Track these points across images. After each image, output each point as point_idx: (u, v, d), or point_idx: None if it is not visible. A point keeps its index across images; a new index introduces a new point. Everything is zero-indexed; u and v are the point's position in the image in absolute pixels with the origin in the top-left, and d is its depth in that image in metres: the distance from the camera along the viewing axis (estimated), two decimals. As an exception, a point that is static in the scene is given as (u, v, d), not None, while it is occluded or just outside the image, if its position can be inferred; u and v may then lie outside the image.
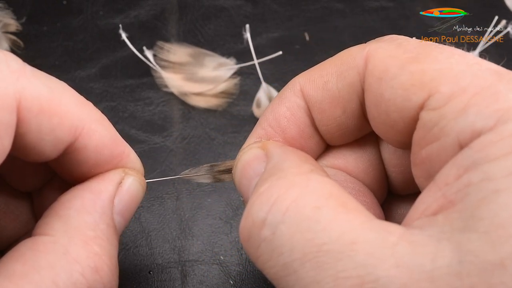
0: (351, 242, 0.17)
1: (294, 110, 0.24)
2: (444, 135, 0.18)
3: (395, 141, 0.22)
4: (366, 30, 0.45)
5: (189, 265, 0.33)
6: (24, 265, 0.19)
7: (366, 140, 0.25)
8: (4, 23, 0.42)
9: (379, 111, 0.21)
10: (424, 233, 0.17)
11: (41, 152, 0.21)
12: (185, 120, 0.40)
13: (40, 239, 0.21)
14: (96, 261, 0.21)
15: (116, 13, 0.45)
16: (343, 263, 0.17)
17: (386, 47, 0.21)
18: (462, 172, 0.17)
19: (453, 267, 0.15)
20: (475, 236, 0.15)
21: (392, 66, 0.20)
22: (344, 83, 0.22)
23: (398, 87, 0.20)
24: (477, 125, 0.17)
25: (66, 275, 0.20)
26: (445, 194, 0.17)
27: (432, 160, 0.19)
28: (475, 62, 0.19)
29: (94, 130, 0.22)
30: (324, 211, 0.18)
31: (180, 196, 0.36)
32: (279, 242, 0.18)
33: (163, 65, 0.41)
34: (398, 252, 0.16)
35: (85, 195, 0.23)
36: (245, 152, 0.24)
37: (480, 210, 0.16)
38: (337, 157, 0.25)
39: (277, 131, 0.24)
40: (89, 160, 0.23)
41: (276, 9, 0.46)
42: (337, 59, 0.23)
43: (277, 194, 0.19)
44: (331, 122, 0.23)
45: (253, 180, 0.22)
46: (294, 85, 0.24)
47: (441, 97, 0.18)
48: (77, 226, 0.21)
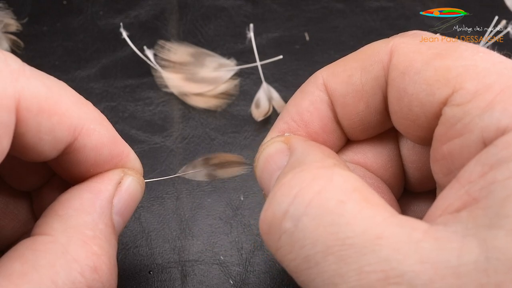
0: (376, 236, 0.17)
1: (317, 104, 0.24)
2: (467, 132, 0.18)
3: (416, 137, 0.22)
4: (366, 30, 0.45)
5: (189, 265, 0.33)
6: (23, 264, 0.19)
7: (385, 136, 0.25)
8: (5, 23, 0.42)
9: (402, 106, 0.21)
10: (449, 229, 0.17)
11: (40, 152, 0.21)
12: (185, 120, 0.40)
13: (39, 238, 0.21)
14: (95, 260, 0.21)
15: (116, 13, 0.45)
16: (368, 258, 0.17)
17: (410, 42, 0.21)
18: (487, 170, 0.17)
19: (479, 263, 0.15)
20: (501, 233, 0.15)
21: (416, 61, 0.20)
22: (369, 77, 0.22)
23: (422, 82, 0.20)
24: (502, 123, 0.17)
25: (65, 274, 0.20)
26: (468, 191, 0.17)
27: (454, 156, 0.19)
28: (500, 60, 0.19)
29: (93, 129, 0.22)
30: (348, 205, 0.18)
31: (180, 196, 0.36)
32: (301, 235, 0.18)
33: (163, 65, 0.41)
34: (423, 247, 0.16)
35: (84, 195, 0.23)
36: (268, 146, 0.24)
37: (505, 208, 0.16)
38: (357, 152, 0.25)
39: (300, 125, 0.24)
40: (88, 159, 0.23)
41: (276, 9, 0.46)
42: (361, 53, 0.23)
43: (300, 186, 0.19)
44: (354, 116, 0.23)
45: (275, 173, 0.22)
46: (317, 79, 0.24)
47: (465, 94, 0.18)
48: (76, 226, 0.21)
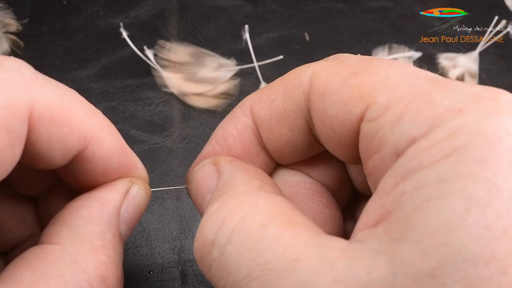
0: (294, 259, 0.17)
1: (241, 128, 0.24)
2: (382, 146, 0.18)
3: (346, 156, 0.22)
4: (366, 30, 0.45)
5: (189, 265, 0.33)
6: (32, 273, 0.20)
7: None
8: (5, 23, 0.42)
9: (325, 127, 0.21)
10: (364, 246, 0.17)
11: (51, 160, 0.21)
12: (185, 120, 0.40)
13: (48, 247, 0.21)
14: (103, 270, 0.21)
15: (116, 13, 0.45)
16: (286, 281, 0.17)
17: (329, 65, 0.21)
18: (399, 181, 0.17)
19: (387, 279, 0.15)
20: (407, 246, 0.15)
21: (333, 82, 0.20)
22: (290, 101, 0.23)
23: (339, 101, 0.20)
24: (411, 133, 0.17)
25: (74, 284, 0.20)
26: (383, 204, 0.17)
27: (377, 171, 0.19)
28: (413, 71, 0.19)
29: (103, 139, 0.22)
30: (269, 229, 0.18)
31: (180, 196, 0.36)
32: (228, 262, 0.18)
33: (163, 65, 0.41)
34: (337, 267, 0.16)
35: (93, 204, 0.23)
36: (198, 169, 0.24)
37: (413, 219, 0.16)
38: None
39: (223, 148, 0.25)
40: (97, 168, 0.23)
41: (276, 9, 0.46)
42: (285, 78, 0.23)
43: (226, 214, 0.19)
44: (278, 139, 0.24)
45: (206, 196, 0.22)
46: (245, 104, 0.25)
47: (378, 108, 0.18)
48: (85, 236, 0.22)
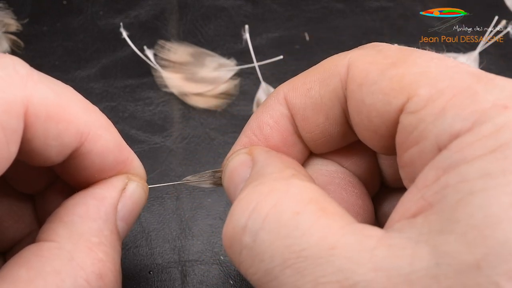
0: (330, 247, 0.17)
1: (277, 118, 0.24)
2: (423, 138, 0.18)
3: (380, 147, 0.22)
4: (366, 30, 0.45)
5: (189, 265, 0.33)
6: (29, 271, 0.20)
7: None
8: (5, 23, 0.42)
9: (361, 117, 0.21)
10: (403, 235, 0.17)
11: (47, 157, 0.21)
12: (185, 120, 0.40)
13: (45, 245, 0.21)
14: (101, 267, 0.21)
15: (116, 13, 0.45)
16: (322, 268, 0.17)
17: (367, 54, 0.21)
18: (441, 174, 0.17)
19: (430, 269, 0.15)
20: (451, 238, 0.16)
21: (372, 72, 0.20)
22: (327, 90, 0.23)
23: (379, 92, 0.20)
24: (455, 127, 0.17)
25: (71, 281, 0.20)
26: (424, 196, 0.17)
27: (414, 163, 0.19)
28: (454, 65, 0.19)
29: (100, 135, 0.22)
30: (303, 216, 0.18)
31: (180, 196, 0.36)
32: (260, 249, 0.18)
33: (163, 65, 0.41)
34: (376, 255, 0.16)
35: (89, 201, 0.23)
36: (232, 158, 0.24)
37: (456, 212, 0.16)
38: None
39: (260, 138, 0.25)
40: (93, 165, 0.23)
41: (276, 9, 0.46)
42: (320, 66, 0.23)
43: (257, 200, 0.19)
44: (314, 129, 0.24)
45: (239, 186, 0.22)
46: (278, 93, 0.24)
47: (419, 100, 0.18)
48: (82, 233, 0.22)
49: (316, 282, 0.17)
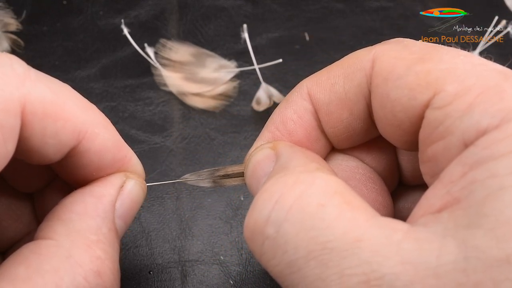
0: (356, 239, 0.17)
1: (301, 113, 0.24)
2: (449, 134, 0.18)
3: (402, 142, 0.22)
4: (366, 30, 0.45)
5: (189, 265, 0.33)
6: (27, 268, 0.20)
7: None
8: (4, 22, 0.42)
9: (386, 112, 0.21)
10: (429, 230, 0.17)
11: (45, 155, 0.21)
12: (185, 120, 0.40)
13: (43, 243, 0.21)
14: (99, 265, 0.21)
15: (116, 13, 0.45)
16: (348, 261, 0.17)
17: (392, 49, 0.21)
18: (467, 170, 0.17)
19: (458, 263, 0.15)
20: (480, 232, 0.16)
21: (398, 67, 0.20)
22: (351, 85, 0.23)
23: (404, 86, 0.20)
24: (482, 124, 0.17)
25: (69, 279, 0.20)
26: (450, 192, 0.17)
27: (438, 158, 0.19)
28: (481, 62, 0.19)
29: (98, 133, 0.22)
30: (328, 208, 0.18)
31: (180, 196, 0.36)
32: (283, 240, 0.18)
33: (163, 63, 0.41)
34: (403, 249, 0.16)
35: (87, 199, 0.23)
36: (256, 152, 0.24)
37: (485, 207, 0.16)
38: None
39: (284, 134, 0.24)
40: (91, 163, 0.23)
41: (276, 9, 0.46)
42: (344, 61, 0.23)
43: (281, 192, 0.19)
44: (338, 124, 0.24)
45: (262, 179, 0.22)
46: (301, 88, 0.24)
47: (446, 96, 0.19)
48: (80, 230, 0.22)
49: (341, 274, 0.17)
